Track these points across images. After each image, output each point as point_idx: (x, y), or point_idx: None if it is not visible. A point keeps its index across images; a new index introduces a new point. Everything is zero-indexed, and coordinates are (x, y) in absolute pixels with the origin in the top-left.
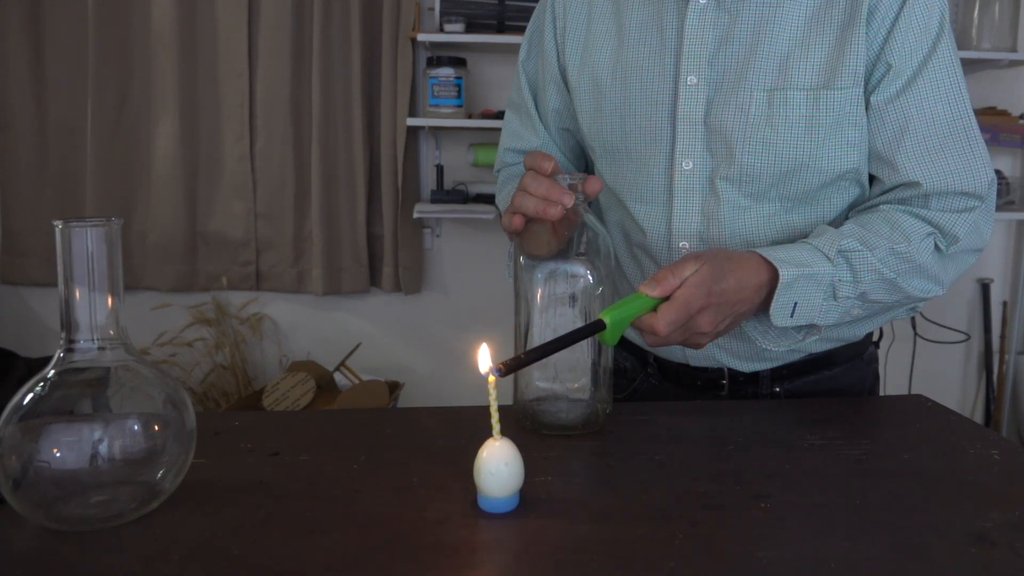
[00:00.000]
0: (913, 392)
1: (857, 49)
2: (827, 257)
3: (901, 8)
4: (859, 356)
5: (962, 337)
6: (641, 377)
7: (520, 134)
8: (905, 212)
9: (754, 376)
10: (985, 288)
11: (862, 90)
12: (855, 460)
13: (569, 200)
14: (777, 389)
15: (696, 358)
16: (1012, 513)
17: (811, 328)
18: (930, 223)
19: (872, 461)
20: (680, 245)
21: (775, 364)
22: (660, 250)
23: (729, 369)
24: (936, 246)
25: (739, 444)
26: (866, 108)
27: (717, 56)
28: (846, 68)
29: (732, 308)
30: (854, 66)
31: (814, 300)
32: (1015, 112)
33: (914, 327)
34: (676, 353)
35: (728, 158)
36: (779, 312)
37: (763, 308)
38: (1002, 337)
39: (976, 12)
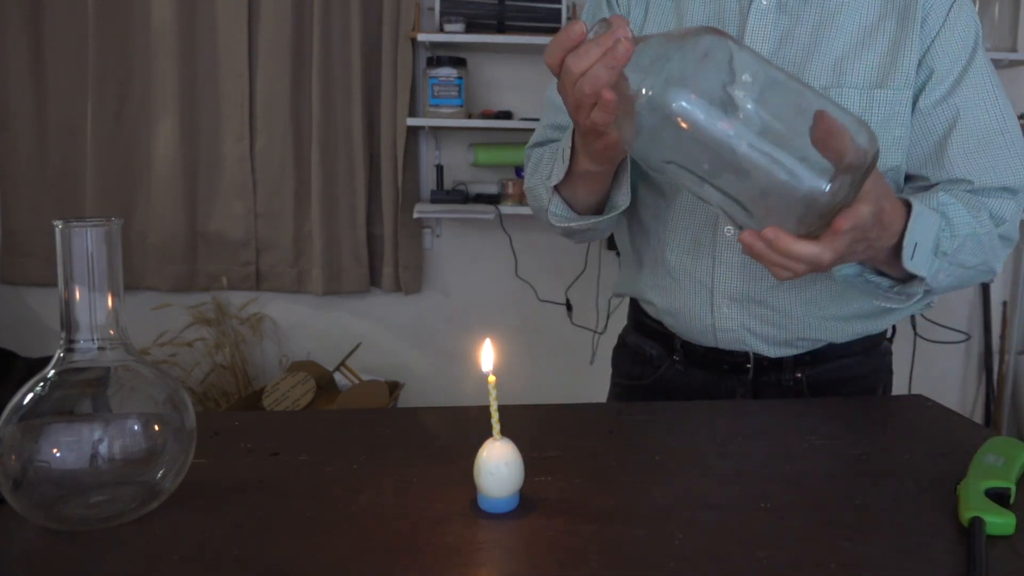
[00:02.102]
0: (913, 392)
1: (911, 52)
2: (932, 208)
3: (947, 16)
4: (875, 347)
5: (962, 337)
6: (667, 364)
7: (562, 107)
8: (959, 192)
9: (778, 362)
10: (985, 288)
11: (911, 92)
12: (855, 460)
13: (624, 31)
14: (799, 375)
15: (726, 341)
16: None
17: (918, 285)
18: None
19: (872, 461)
20: (726, 231)
21: (800, 351)
22: (704, 237)
23: (755, 354)
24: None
25: (739, 444)
26: (912, 111)
27: (776, 56)
28: (899, 70)
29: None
30: (907, 68)
31: (927, 244)
32: (1015, 112)
33: (914, 327)
34: (706, 337)
35: None
36: (906, 250)
37: (884, 252)
38: (1002, 337)
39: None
